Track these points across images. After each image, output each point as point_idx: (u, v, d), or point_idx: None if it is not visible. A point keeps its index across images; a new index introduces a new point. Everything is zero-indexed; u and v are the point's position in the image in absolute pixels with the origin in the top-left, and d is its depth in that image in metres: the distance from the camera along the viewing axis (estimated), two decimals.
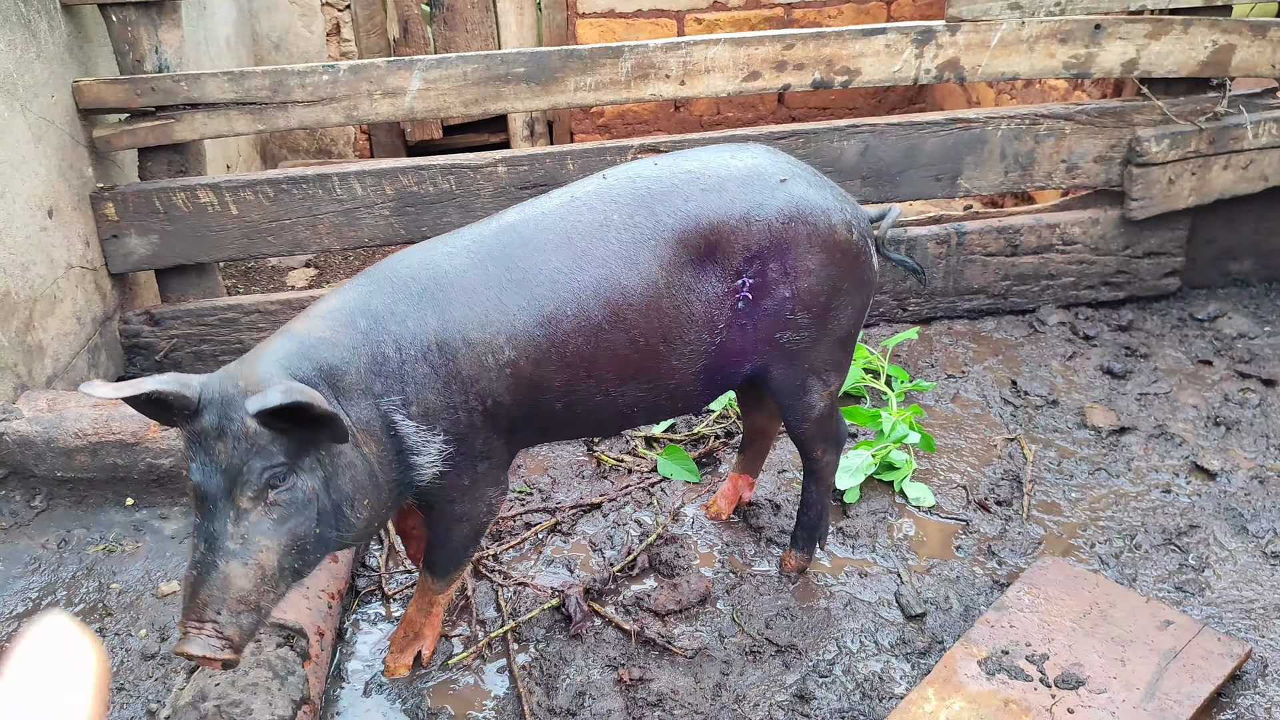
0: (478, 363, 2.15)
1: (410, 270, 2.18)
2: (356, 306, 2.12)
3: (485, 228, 2.28)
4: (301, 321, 2.10)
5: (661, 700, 2.48)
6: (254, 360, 1.97)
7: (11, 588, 2.75)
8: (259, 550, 1.90)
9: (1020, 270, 4.05)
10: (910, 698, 2.39)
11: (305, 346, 2.02)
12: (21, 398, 3.02)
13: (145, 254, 3.70)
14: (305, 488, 1.95)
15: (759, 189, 2.32)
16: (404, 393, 2.09)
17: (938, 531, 3.04)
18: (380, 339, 2.08)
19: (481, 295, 2.17)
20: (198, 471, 1.88)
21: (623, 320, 2.24)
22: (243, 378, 1.91)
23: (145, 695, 2.47)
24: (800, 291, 2.35)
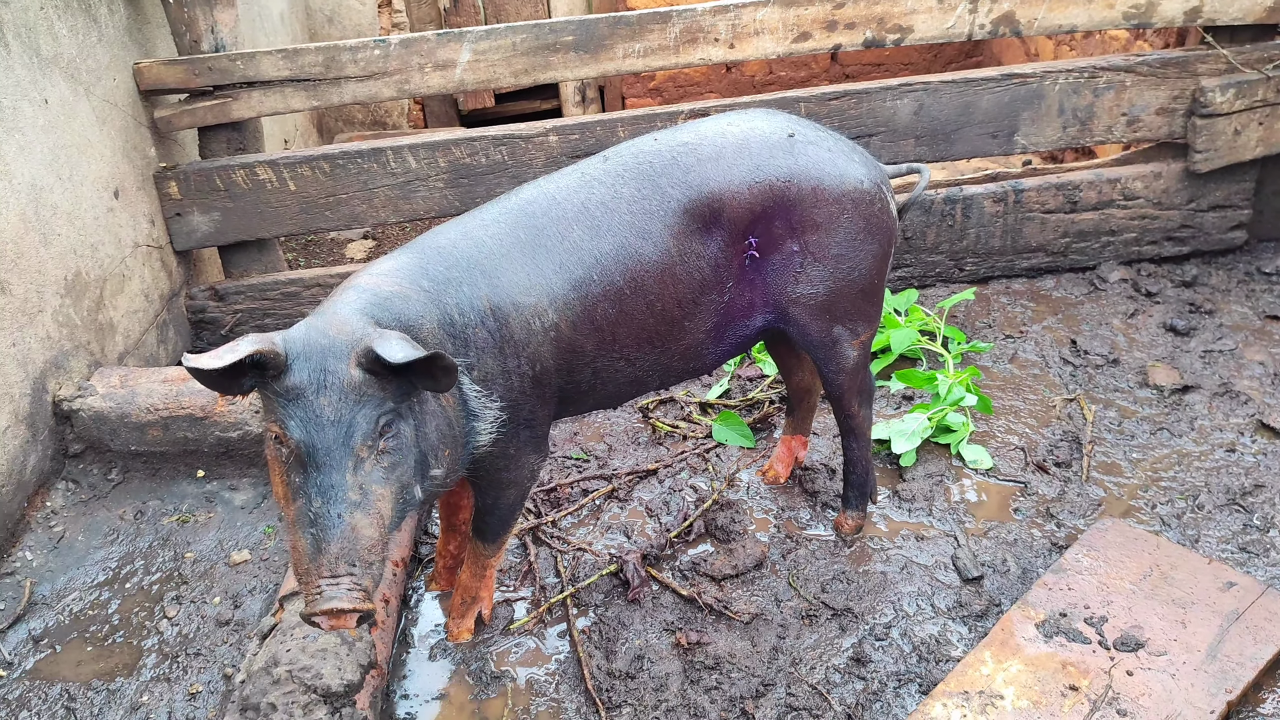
0: (526, 326, 2.22)
1: (452, 241, 2.24)
2: (416, 269, 2.16)
3: (507, 202, 2.35)
4: (365, 277, 2.12)
5: (719, 663, 2.52)
6: (333, 312, 1.96)
7: (92, 558, 2.87)
8: (378, 499, 1.88)
9: (1080, 227, 3.98)
10: (967, 660, 2.40)
11: (380, 299, 2.03)
12: (95, 375, 3.13)
13: (208, 231, 3.78)
14: (408, 434, 1.96)
15: (756, 153, 2.40)
16: (468, 355, 2.15)
17: (995, 494, 3.03)
18: (445, 301, 2.13)
19: (521, 262, 2.24)
20: (300, 428, 1.83)
21: (641, 287, 2.34)
22: (332, 328, 1.90)
23: (221, 660, 2.57)
24: (809, 245, 2.44)
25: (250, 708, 2.18)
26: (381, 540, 1.88)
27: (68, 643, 2.63)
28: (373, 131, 5.94)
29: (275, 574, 2.80)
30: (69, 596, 2.75)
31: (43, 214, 3.02)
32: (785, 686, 2.47)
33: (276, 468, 1.92)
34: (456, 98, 6.16)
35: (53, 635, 2.65)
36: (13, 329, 2.86)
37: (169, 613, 2.71)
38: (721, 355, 2.56)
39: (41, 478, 2.99)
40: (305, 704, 2.18)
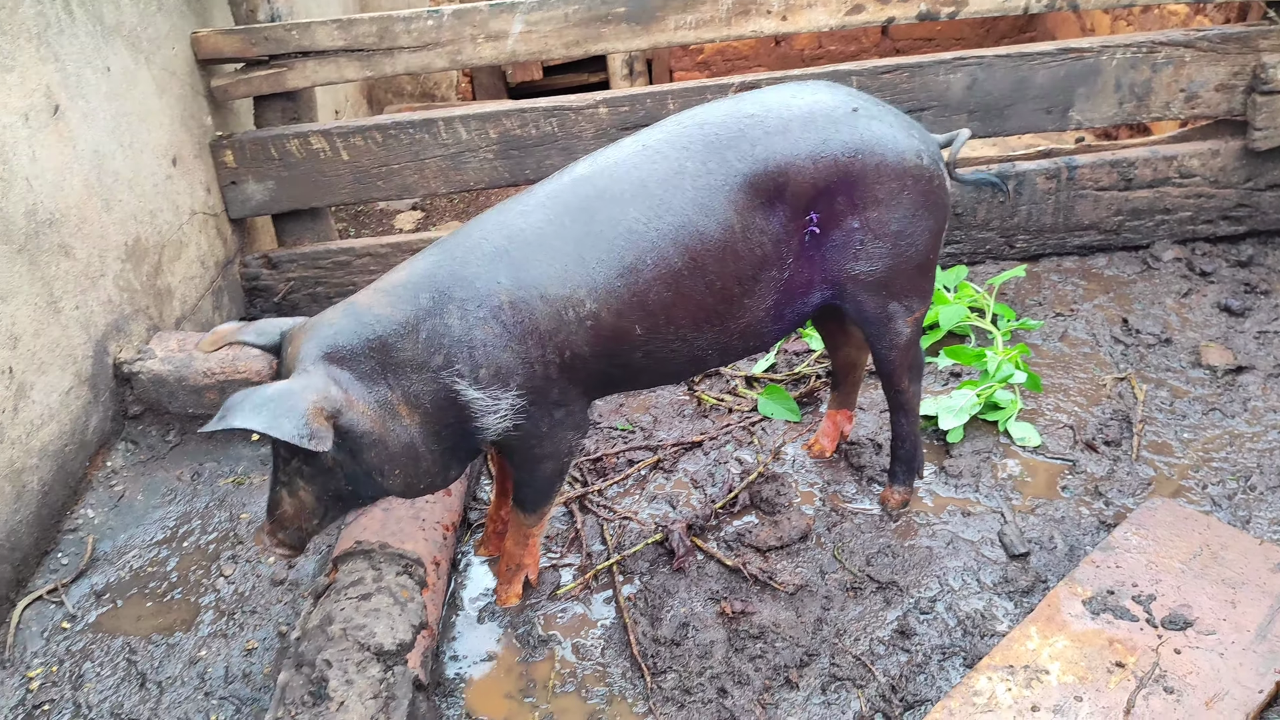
0: (556, 317, 2.22)
1: (484, 232, 2.25)
2: (422, 280, 2.20)
3: (559, 182, 2.32)
4: (365, 294, 2.22)
5: (763, 633, 2.54)
6: (308, 330, 2.15)
7: (152, 516, 2.94)
8: (300, 490, 2.20)
9: (1134, 205, 3.93)
10: (1012, 635, 2.41)
11: (359, 323, 2.14)
12: (154, 339, 3.20)
13: (262, 199, 3.84)
14: (325, 460, 2.15)
15: (822, 126, 2.36)
16: (471, 359, 2.18)
17: (1043, 472, 3.02)
18: (442, 311, 2.17)
19: (559, 250, 2.22)
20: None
21: (701, 266, 2.30)
22: (293, 347, 2.14)
23: (276, 618, 2.63)
24: (870, 221, 2.41)
25: (306, 664, 2.23)
26: (296, 516, 2.23)
27: (128, 598, 2.71)
28: (422, 103, 5.98)
29: (328, 535, 2.86)
30: (129, 553, 2.83)
31: (105, 180, 3.08)
32: (829, 657, 2.49)
33: None
34: (505, 70, 6.18)
35: (114, 590, 2.73)
36: (76, 292, 2.92)
37: (225, 571, 2.78)
38: (779, 332, 2.55)
39: (103, 438, 3.07)
40: (359, 661, 2.23)
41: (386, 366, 2.15)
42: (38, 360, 2.75)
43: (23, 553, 2.69)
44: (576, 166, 2.36)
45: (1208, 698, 2.23)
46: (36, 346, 2.75)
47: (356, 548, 2.50)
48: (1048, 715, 2.22)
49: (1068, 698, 2.25)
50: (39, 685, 2.47)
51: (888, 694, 2.39)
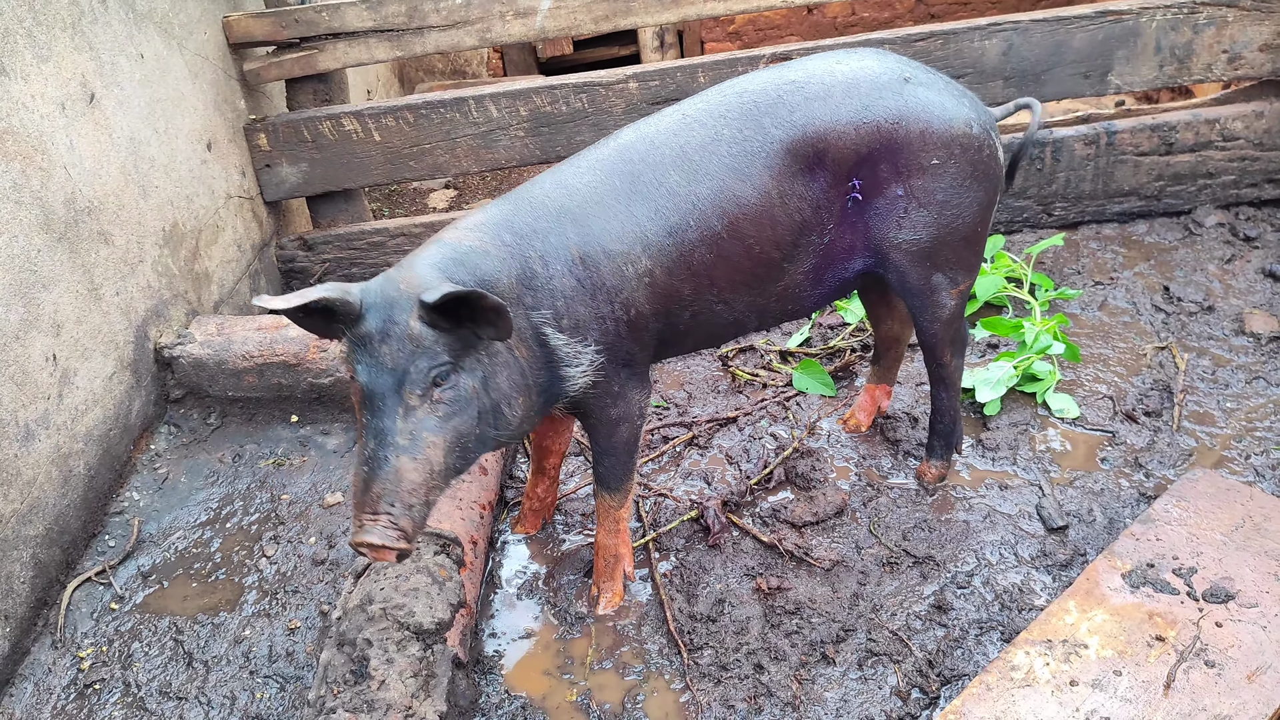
0: (619, 273, 2.24)
1: (544, 190, 2.27)
2: (501, 222, 2.20)
3: (604, 148, 2.35)
4: (450, 232, 2.19)
5: (799, 608, 2.54)
6: (411, 265, 2.06)
7: (195, 498, 2.99)
8: (428, 446, 1.99)
9: (1175, 169, 3.85)
10: (1051, 609, 2.39)
11: (459, 253, 2.11)
12: (193, 323, 3.24)
13: (296, 182, 3.86)
14: (467, 386, 2.04)
15: (865, 93, 2.34)
16: (554, 306, 2.18)
17: (1082, 443, 2.99)
18: (527, 254, 2.17)
19: (613, 208, 2.25)
20: (364, 373, 1.97)
21: (739, 230, 2.32)
22: (403, 281, 2.00)
23: (317, 597, 2.67)
24: (914, 189, 2.39)
25: (347, 643, 2.27)
26: (426, 484, 1.99)
27: (174, 579, 2.76)
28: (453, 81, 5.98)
29: None
30: (174, 535, 2.88)
31: (141, 167, 3.12)
32: (866, 632, 2.49)
33: (355, 404, 2.05)
34: (535, 45, 6.16)
35: (160, 571, 2.78)
36: (116, 278, 2.97)
37: (268, 552, 2.82)
38: (821, 298, 2.55)
39: (145, 422, 3.12)
40: (399, 640, 2.26)
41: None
42: (81, 347, 2.80)
43: (71, 536, 2.75)
44: (621, 134, 2.39)
45: (1250, 671, 2.21)
46: (79, 333, 2.79)
47: None
48: (1086, 690, 2.20)
49: (1106, 672, 2.23)
50: (90, 665, 2.54)
51: (924, 669, 2.39)
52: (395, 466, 1.96)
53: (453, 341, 1.99)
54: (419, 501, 1.99)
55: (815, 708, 2.33)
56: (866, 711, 2.32)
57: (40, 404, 2.63)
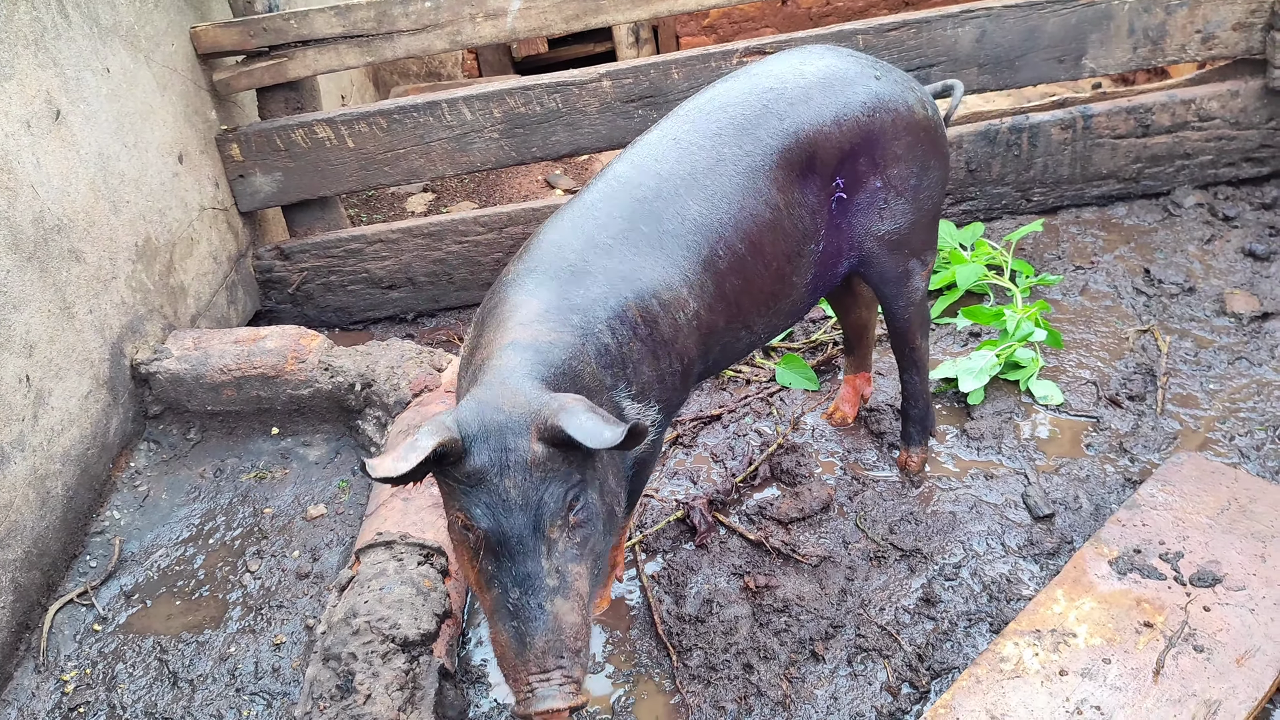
0: (673, 323, 2.13)
1: (577, 252, 2.09)
2: (561, 302, 2.01)
3: (611, 189, 2.20)
4: (519, 329, 1.94)
5: (788, 606, 2.53)
6: (501, 381, 1.82)
7: (176, 515, 2.97)
8: (576, 578, 1.77)
9: (1153, 151, 3.85)
10: (1039, 599, 2.39)
11: (543, 354, 1.89)
12: (170, 338, 3.21)
13: (271, 191, 3.83)
14: (595, 499, 1.84)
15: (840, 90, 2.36)
16: (627, 376, 2.05)
17: (1067, 430, 2.98)
18: (597, 329, 2.00)
19: (653, 256, 2.12)
20: (487, 516, 1.72)
21: (760, 249, 2.26)
22: (505, 402, 1.76)
23: (302, 611, 2.65)
24: (891, 179, 2.41)
25: (332, 657, 2.25)
26: (585, 622, 1.77)
27: (157, 597, 2.73)
28: (428, 83, 5.94)
29: (351, 527, 2.87)
30: (156, 553, 2.85)
31: (111, 182, 3.08)
32: (854, 628, 2.48)
33: (464, 552, 1.82)
34: (510, 45, 6.13)
35: (143, 590, 2.75)
36: (89, 296, 2.93)
37: (251, 567, 2.80)
38: (812, 306, 2.54)
39: (124, 439, 3.09)
40: (384, 653, 2.24)
41: (573, 384, 1.92)
42: (55, 367, 2.77)
43: (51, 558, 2.72)
44: (617, 171, 2.25)
45: (1239, 655, 2.21)
46: (52, 353, 2.76)
47: (378, 539, 2.51)
48: (1076, 679, 2.20)
49: (1096, 660, 2.23)
50: (74, 688, 2.51)
51: (914, 663, 2.38)
52: (553, 613, 1.72)
53: (575, 456, 1.77)
54: (584, 643, 1.77)
55: (806, 706, 2.32)
56: (857, 708, 2.31)
57: (14, 426, 2.60)
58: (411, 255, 3.91)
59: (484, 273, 3.94)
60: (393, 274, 3.95)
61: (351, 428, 3.16)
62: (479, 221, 3.87)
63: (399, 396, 3.01)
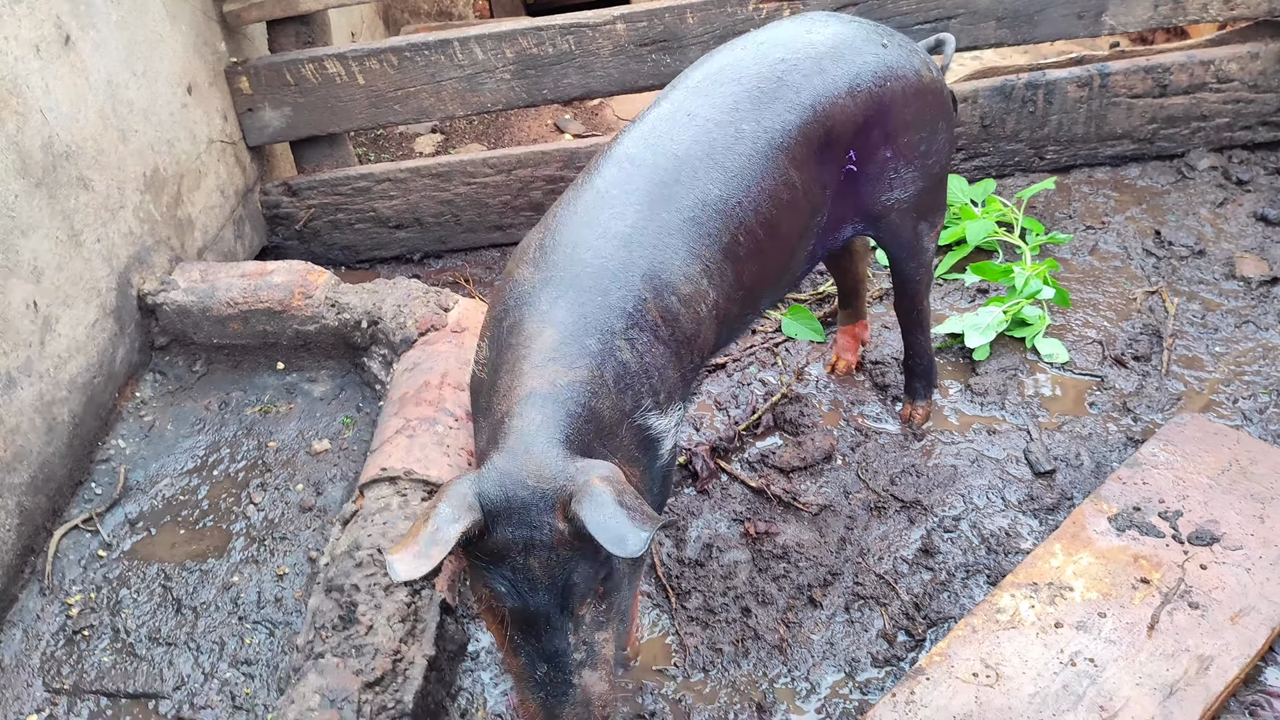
0: (695, 317, 2.01)
1: (592, 249, 1.95)
2: (576, 325, 1.86)
3: (620, 172, 2.06)
4: (535, 376, 1.79)
5: (787, 553, 2.55)
6: (524, 447, 1.69)
7: (181, 446, 2.98)
8: (602, 646, 1.73)
9: (1169, 112, 3.81)
10: (1036, 552, 2.40)
11: (561, 403, 1.76)
12: (176, 269, 3.20)
13: (279, 126, 3.80)
14: (620, 565, 1.76)
15: (850, 59, 2.27)
16: (652, 388, 1.92)
17: (1071, 388, 2.98)
18: (615, 346, 1.87)
19: (672, 245, 1.99)
20: (512, 595, 1.65)
21: (776, 230, 2.17)
22: (529, 474, 1.64)
23: (305, 544, 2.67)
24: (901, 148, 2.36)
25: (335, 588, 2.27)
26: (613, 685, 1.75)
27: (161, 526, 2.76)
28: (439, 23, 5.87)
29: (354, 463, 2.88)
30: (161, 482, 2.87)
31: (120, 110, 3.06)
32: (852, 576, 2.50)
33: (489, 617, 1.77)
34: None
35: (147, 519, 2.77)
36: (97, 225, 2.93)
37: (255, 499, 2.81)
38: (810, 271, 2.52)
39: (130, 369, 3.10)
40: (386, 585, 2.27)
41: (600, 434, 1.81)
42: (62, 294, 2.76)
43: (57, 483, 2.74)
44: (625, 147, 2.10)
45: (1233, 613, 2.23)
46: (60, 280, 2.76)
47: (382, 474, 2.53)
48: (1071, 631, 2.22)
49: (1091, 614, 2.25)
50: (78, 611, 2.54)
51: (911, 612, 2.41)
52: (581, 687, 1.70)
53: None
54: (614, 708, 1.78)
55: (802, 650, 2.35)
56: (853, 654, 2.34)
57: (21, 351, 2.60)
58: (419, 195, 3.89)
59: (491, 214, 3.92)
60: (400, 213, 3.93)
61: (357, 365, 3.16)
62: (488, 163, 3.85)
63: (405, 335, 3.01)
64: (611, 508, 1.55)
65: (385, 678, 2.13)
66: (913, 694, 2.14)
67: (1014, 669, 2.16)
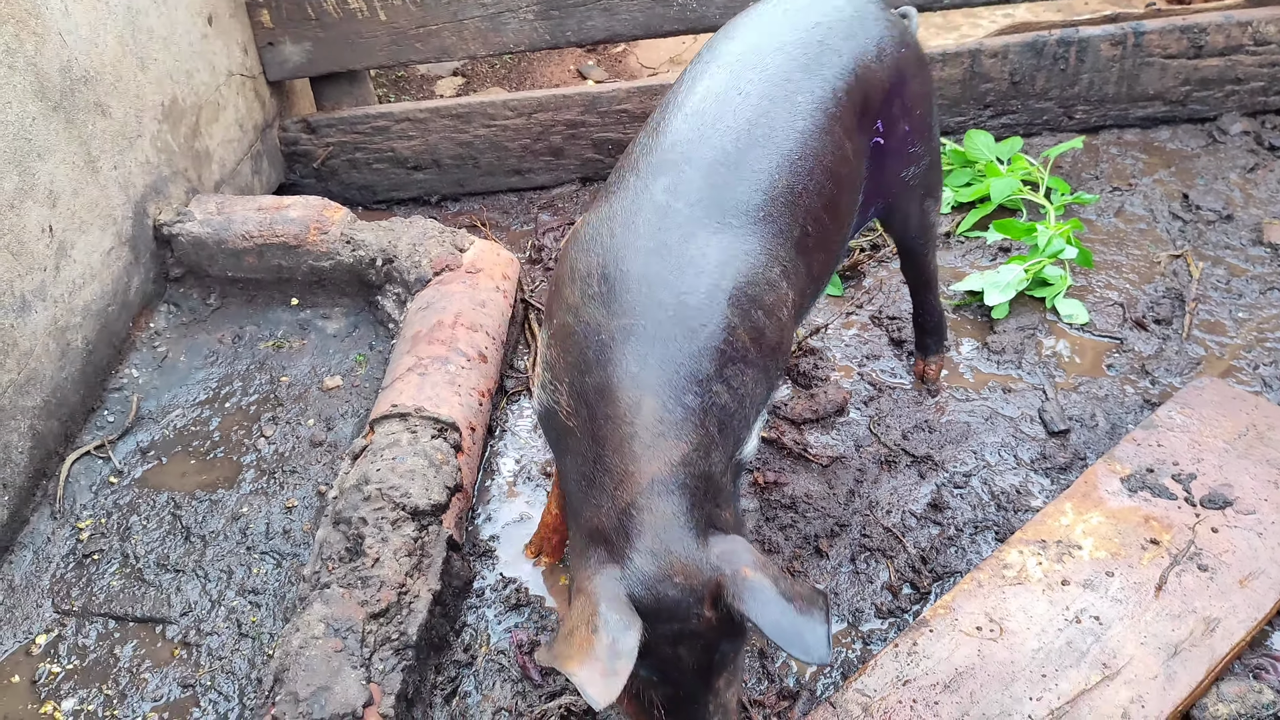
0: (779, 325, 1.89)
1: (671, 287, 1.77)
2: (672, 386, 1.72)
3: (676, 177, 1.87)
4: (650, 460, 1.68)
5: (795, 503, 2.54)
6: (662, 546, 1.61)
7: (194, 378, 2.99)
8: (730, 700, 1.72)
9: (1203, 74, 3.74)
10: (1046, 510, 2.39)
11: (683, 486, 1.67)
12: (193, 201, 3.19)
13: (299, 62, 3.77)
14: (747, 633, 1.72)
15: (871, 24, 2.18)
16: (747, 420, 1.84)
17: (1089, 349, 2.95)
18: (713, 395, 1.75)
19: (747, 255, 1.85)
20: (663, 682, 1.64)
21: (838, 209, 2.06)
22: (677, 574, 1.58)
23: (315, 478, 2.68)
24: (914, 121, 2.29)
25: (343, 521, 2.28)
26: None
27: (172, 455, 2.77)
28: None
29: (366, 400, 2.88)
30: (173, 413, 2.88)
31: (139, 38, 3.04)
32: (860, 528, 2.49)
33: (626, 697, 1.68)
34: None
35: (159, 448, 2.78)
36: (114, 152, 2.91)
37: (266, 432, 2.82)
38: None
39: (145, 299, 3.10)
40: (394, 520, 2.27)
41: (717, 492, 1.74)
42: (77, 219, 2.76)
43: (69, 409, 2.75)
44: (674, 137, 1.92)
45: (1242, 576, 2.21)
46: (76, 205, 2.75)
47: (393, 411, 2.53)
48: (1077, 589, 2.21)
49: (1099, 573, 2.24)
50: (89, 536, 2.56)
51: (917, 565, 2.40)
52: None
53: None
54: None
55: None
56: (857, 604, 2.34)
57: (37, 275, 2.60)
58: (438, 136, 3.86)
59: (510, 158, 3.89)
60: (418, 154, 3.90)
61: (370, 303, 3.15)
62: (508, 105, 3.81)
63: (420, 274, 3.00)
64: (778, 605, 1.51)
65: (390, 609, 2.14)
66: (915, 645, 2.14)
67: (1018, 624, 2.16)
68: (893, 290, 3.17)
